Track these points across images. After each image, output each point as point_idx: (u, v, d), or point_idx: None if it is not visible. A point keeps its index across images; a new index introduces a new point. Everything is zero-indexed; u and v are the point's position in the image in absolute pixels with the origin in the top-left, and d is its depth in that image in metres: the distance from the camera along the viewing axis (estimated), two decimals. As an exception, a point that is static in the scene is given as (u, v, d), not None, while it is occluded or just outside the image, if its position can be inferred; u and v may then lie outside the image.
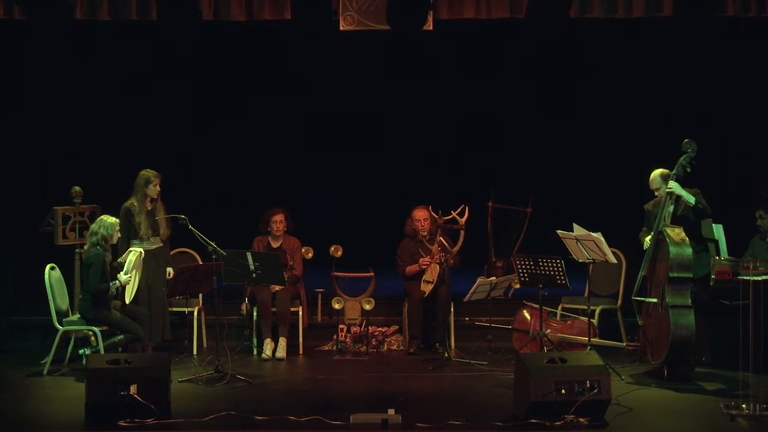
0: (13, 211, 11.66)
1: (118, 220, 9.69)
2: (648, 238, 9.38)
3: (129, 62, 12.12)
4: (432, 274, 10.51)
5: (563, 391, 7.84)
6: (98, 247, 9.48)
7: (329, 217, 12.73)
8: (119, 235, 9.72)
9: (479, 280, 10.23)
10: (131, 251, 9.73)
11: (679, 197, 9.28)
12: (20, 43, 11.41)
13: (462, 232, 10.41)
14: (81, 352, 9.47)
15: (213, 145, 13.04)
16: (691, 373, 9.34)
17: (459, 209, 10.45)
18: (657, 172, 9.47)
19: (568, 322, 10.27)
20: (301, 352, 10.57)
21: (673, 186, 9.23)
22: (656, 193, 9.49)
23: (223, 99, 12.91)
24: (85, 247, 9.67)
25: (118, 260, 9.73)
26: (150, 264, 10.04)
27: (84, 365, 9.06)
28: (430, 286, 10.50)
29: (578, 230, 9.55)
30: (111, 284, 9.51)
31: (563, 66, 12.62)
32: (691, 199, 9.21)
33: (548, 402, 7.81)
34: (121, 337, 9.51)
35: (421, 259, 10.60)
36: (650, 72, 11.96)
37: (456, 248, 10.41)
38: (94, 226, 9.57)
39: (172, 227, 10.19)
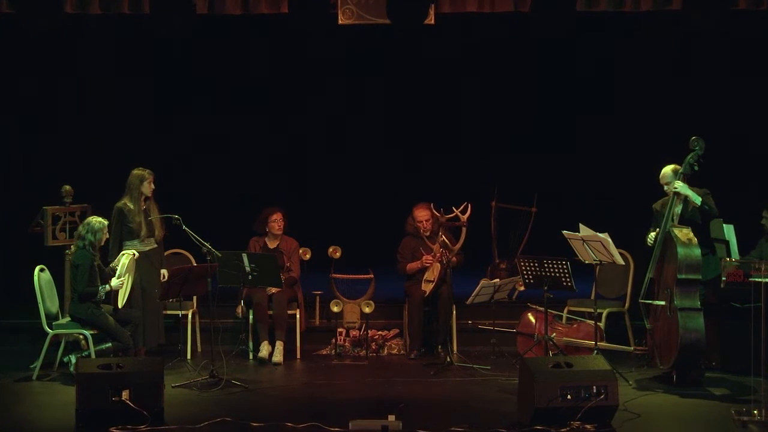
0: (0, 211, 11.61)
1: (106, 222, 9.60)
2: (653, 234, 9.27)
3: (122, 57, 12.02)
4: (433, 273, 10.42)
5: (569, 396, 7.76)
6: (85, 249, 9.39)
7: (328, 217, 12.63)
8: (108, 236, 9.63)
9: (482, 282, 10.16)
10: (124, 254, 9.63)
11: (686, 197, 9.17)
12: (12, 38, 11.40)
13: (464, 229, 10.32)
14: (66, 360, 9.43)
15: (209, 144, 13.05)
16: (700, 378, 9.26)
17: (462, 206, 10.36)
18: (669, 168, 9.37)
19: (574, 326, 10.18)
20: (298, 356, 10.49)
21: (679, 186, 9.15)
22: (665, 188, 9.35)
23: (220, 97, 12.92)
24: (72, 248, 9.58)
25: (111, 265, 9.63)
26: (144, 266, 9.93)
27: (71, 371, 9.07)
28: (431, 286, 10.41)
29: (584, 231, 9.46)
30: (100, 288, 9.44)
31: (568, 62, 12.63)
32: (698, 200, 9.12)
33: (554, 408, 7.73)
34: (109, 344, 9.43)
35: (424, 257, 10.45)
36: (657, 68, 11.88)
37: (458, 246, 10.30)
38: (81, 230, 9.51)
39: (165, 227, 10.02)
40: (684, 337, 8.88)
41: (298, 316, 10.54)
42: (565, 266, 9.60)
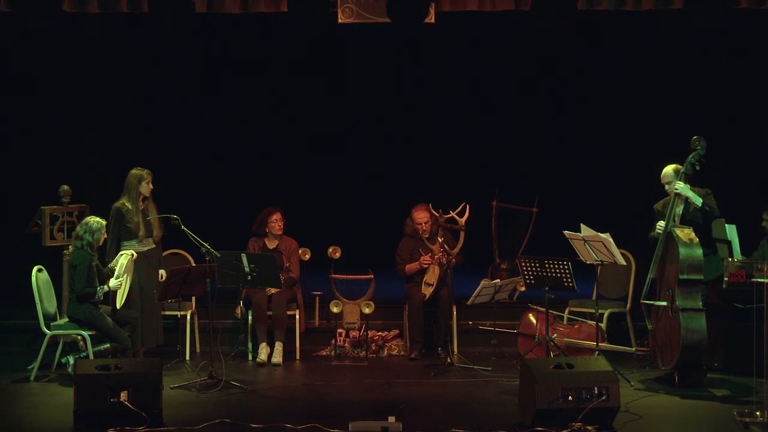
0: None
1: (104, 222, 9.56)
2: (661, 222, 9.17)
3: (120, 56, 12.00)
4: (433, 276, 10.36)
5: (570, 398, 7.73)
6: (83, 250, 9.36)
7: (328, 217, 12.59)
8: (106, 236, 9.59)
9: (483, 282, 10.11)
10: (122, 254, 9.59)
11: (686, 198, 9.12)
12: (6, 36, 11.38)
13: (462, 233, 10.23)
14: (64, 360, 9.40)
15: (208, 144, 13.01)
16: (702, 379, 9.22)
17: (459, 208, 10.28)
18: (670, 167, 9.32)
19: (576, 326, 10.15)
20: (298, 357, 10.45)
21: (680, 187, 9.11)
22: (666, 187, 9.29)
23: (219, 96, 12.88)
24: (70, 248, 9.55)
25: (109, 266, 9.59)
26: (142, 266, 9.89)
27: (69, 372, 9.04)
28: (431, 289, 10.36)
29: (586, 231, 9.42)
30: (98, 288, 9.40)
31: (568, 62, 12.60)
32: (698, 201, 9.08)
33: (555, 409, 7.70)
34: (107, 345, 9.40)
35: (422, 258, 10.38)
36: (659, 67, 11.82)
37: (456, 249, 10.27)
38: (79, 230, 9.47)
39: (164, 228, 9.96)
40: (686, 338, 8.84)
41: (297, 316, 10.49)
42: (566, 266, 9.56)
